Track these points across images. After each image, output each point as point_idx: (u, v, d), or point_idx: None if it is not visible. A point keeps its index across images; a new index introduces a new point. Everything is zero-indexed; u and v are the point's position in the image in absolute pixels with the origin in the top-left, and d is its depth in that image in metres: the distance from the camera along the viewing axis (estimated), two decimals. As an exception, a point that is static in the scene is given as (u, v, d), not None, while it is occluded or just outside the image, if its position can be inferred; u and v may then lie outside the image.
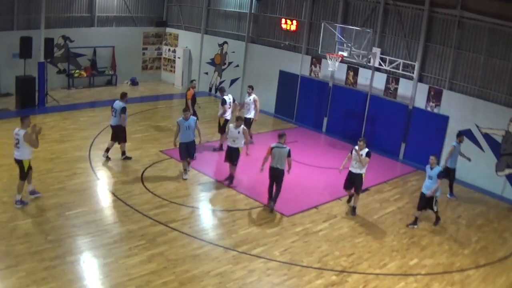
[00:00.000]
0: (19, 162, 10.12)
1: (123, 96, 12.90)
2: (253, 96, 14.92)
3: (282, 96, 19.15)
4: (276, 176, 10.89)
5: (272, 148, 10.78)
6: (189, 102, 15.08)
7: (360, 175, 11.13)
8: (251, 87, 15.23)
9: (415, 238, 10.55)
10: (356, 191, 11.31)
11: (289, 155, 10.72)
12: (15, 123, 15.23)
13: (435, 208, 10.95)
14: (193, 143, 12.13)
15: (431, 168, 10.81)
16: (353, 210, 11.36)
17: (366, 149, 11.08)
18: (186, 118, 11.89)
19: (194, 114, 14.70)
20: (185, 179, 12.16)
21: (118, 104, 12.77)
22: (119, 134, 12.92)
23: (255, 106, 14.93)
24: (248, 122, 14.68)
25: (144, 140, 14.78)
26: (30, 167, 10.23)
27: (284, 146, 10.75)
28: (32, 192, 10.52)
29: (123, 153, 13.14)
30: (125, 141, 13.08)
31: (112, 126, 12.98)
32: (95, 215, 10.05)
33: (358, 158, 11.00)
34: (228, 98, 14.57)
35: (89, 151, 13.47)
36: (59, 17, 19.67)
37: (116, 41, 21.36)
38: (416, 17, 15.15)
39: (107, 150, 12.99)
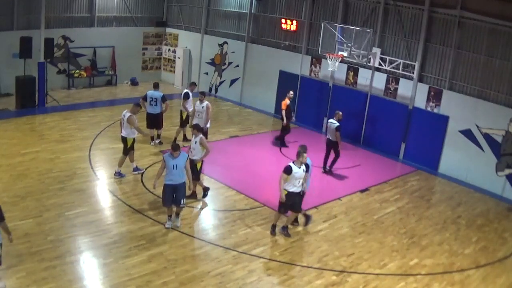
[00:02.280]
0: (124, 139, 11.80)
1: (157, 86, 14.33)
2: (205, 103, 13.38)
3: (282, 96, 19.04)
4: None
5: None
6: (283, 112, 14.94)
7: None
8: (203, 93, 13.66)
9: (415, 238, 10.55)
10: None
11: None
12: (15, 123, 15.38)
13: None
14: (182, 186, 9.60)
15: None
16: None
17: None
18: (174, 155, 9.39)
19: (286, 127, 14.98)
20: (167, 228, 9.65)
21: (158, 93, 14.04)
22: (159, 121, 14.28)
23: (207, 114, 13.42)
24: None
25: (144, 140, 14.76)
26: (132, 146, 11.89)
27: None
28: (135, 169, 12.17)
29: (159, 136, 14.55)
30: (162, 126, 14.58)
31: (152, 115, 14.12)
32: (95, 215, 10.05)
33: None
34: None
35: (89, 151, 13.47)
36: (59, 17, 19.68)
37: (116, 41, 21.36)
38: (416, 17, 15.15)
39: (153, 138, 14.41)
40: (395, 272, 9.12)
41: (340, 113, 13.62)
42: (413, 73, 15.18)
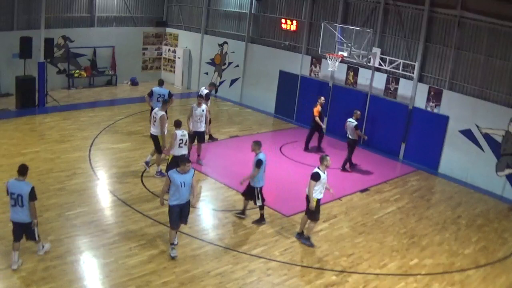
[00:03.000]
0: (154, 137, 12.05)
1: (163, 83, 15.14)
2: (204, 106, 13.14)
3: (282, 96, 19.16)
4: None
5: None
6: (317, 119, 14.95)
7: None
8: (201, 97, 13.44)
9: (415, 238, 10.55)
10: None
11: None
12: (15, 123, 15.38)
13: (258, 203, 10.21)
14: (188, 203, 8.85)
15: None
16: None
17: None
18: (183, 171, 8.47)
19: (321, 130, 15.12)
20: (174, 257, 8.74)
21: (164, 90, 14.60)
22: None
23: (206, 117, 13.28)
24: (201, 136, 13.26)
25: (144, 140, 14.76)
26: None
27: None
28: (159, 173, 12.22)
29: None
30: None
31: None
32: (95, 215, 10.05)
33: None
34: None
35: (89, 151, 13.46)
36: (59, 17, 19.68)
37: (116, 41, 21.36)
38: (416, 17, 15.15)
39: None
40: (395, 272, 9.12)
41: (359, 112, 14.30)
42: (413, 73, 15.18)
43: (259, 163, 9.78)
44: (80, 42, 20.18)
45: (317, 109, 15.06)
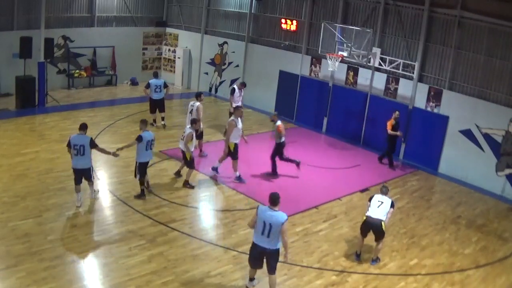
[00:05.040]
0: (229, 145, 12.06)
1: (157, 74, 16.77)
2: (198, 104, 13.54)
3: (282, 96, 19.15)
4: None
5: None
6: (390, 132, 14.32)
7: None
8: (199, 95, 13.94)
9: (415, 238, 10.55)
10: None
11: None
12: (15, 123, 15.38)
13: (137, 177, 10.93)
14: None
15: None
16: None
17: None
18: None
19: (393, 146, 14.64)
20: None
21: (160, 81, 16.12)
22: (163, 105, 16.15)
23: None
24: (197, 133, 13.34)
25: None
26: (236, 152, 12.14)
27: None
28: (238, 178, 12.37)
29: (163, 118, 16.32)
30: (165, 109, 16.44)
31: (157, 100, 15.92)
32: (95, 215, 10.06)
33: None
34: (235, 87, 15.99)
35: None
36: (59, 17, 19.67)
37: (116, 41, 21.35)
38: (416, 17, 15.15)
39: (155, 121, 16.28)
40: (395, 272, 9.12)
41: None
42: (413, 73, 15.18)
43: (139, 138, 10.62)
44: (80, 42, 20.17)
45: (390, 123, 14.38)
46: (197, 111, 13.33)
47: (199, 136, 13.78)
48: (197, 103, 13.50)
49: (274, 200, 7.55)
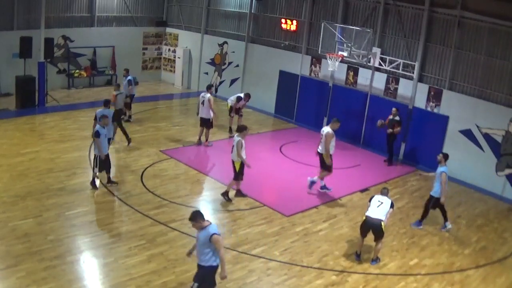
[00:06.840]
0: (320, 155, 11.99)
1: (128, 71, 17.03)
2: (208, 95, 14.49)
3: (282, 96, 19.15)
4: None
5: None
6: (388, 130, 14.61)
7: None
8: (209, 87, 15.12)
9: (415, 238, 10.55)
10: None
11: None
12: (15, 123, 15.38)
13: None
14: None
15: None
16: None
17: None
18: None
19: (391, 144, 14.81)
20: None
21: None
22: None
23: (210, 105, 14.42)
24: (208, 123, 14.68)
25: (144, 140, 14.79)
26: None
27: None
28: (323, 187, 12.31)
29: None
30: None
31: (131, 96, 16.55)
32: (95, 215, 10.06)
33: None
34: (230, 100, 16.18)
35: (89, 151, 13.44)
36: (59, 17, 19.68)
37: (116, 41, 21.36)
38: (416, 17, 15.15)
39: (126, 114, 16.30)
40: (395, 272, 9.12)
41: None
42: (413, 73, 15.18)
43: (96, 134, 10.87)
44: (80, 42, 20.18)
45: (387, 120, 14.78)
46: (209, 102, 14.23)
47: (210, 125, 14.59)
48: (208, 95, 14.29)
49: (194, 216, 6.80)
